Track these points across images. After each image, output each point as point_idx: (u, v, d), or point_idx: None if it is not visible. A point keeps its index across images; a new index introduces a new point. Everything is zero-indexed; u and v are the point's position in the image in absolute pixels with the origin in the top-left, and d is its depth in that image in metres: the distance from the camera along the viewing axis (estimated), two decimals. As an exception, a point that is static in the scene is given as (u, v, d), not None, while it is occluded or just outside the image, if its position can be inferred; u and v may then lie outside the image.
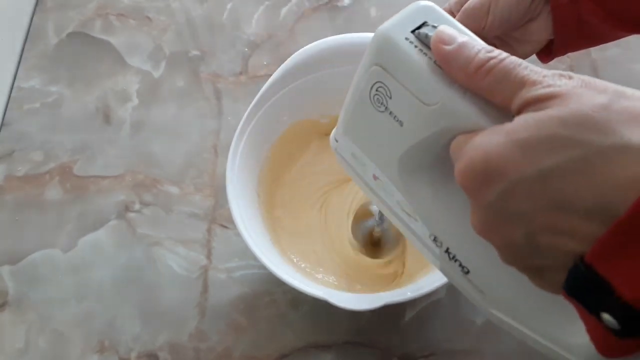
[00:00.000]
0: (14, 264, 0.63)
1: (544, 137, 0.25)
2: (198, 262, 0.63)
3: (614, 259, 0.24)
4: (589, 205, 0.24)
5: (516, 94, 0.27)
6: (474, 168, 0.27)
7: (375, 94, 0.34)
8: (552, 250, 0.26)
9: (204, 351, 0.58)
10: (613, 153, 0.23)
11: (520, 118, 0.26)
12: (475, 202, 0.28)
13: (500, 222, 0.28)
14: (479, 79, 0.28)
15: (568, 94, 0.25)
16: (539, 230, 0.26)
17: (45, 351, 0.59)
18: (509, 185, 0.26)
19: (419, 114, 0.32)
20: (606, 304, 0.24)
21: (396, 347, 0.57)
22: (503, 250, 0.29)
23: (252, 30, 0.79)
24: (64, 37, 0.80)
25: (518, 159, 0.25)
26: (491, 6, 0.44)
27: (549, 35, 0.46)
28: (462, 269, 0.35)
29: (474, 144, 0.27)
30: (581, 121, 0.24)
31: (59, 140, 0.71)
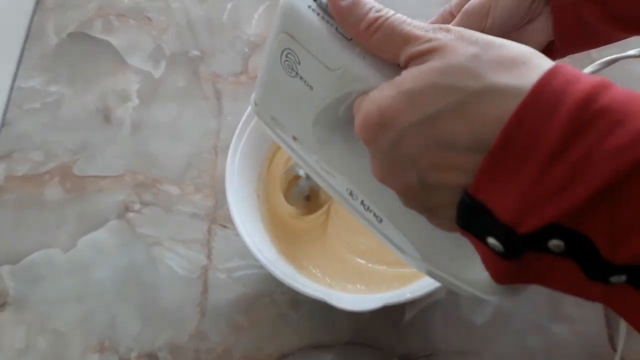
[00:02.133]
0: (14, 264, 0.63)
1: (427, 86, 0.28)
2: (198, 262, 0.63)
3: (489, 186, 0.27)
4: (467, 142, 0.27)
5: (402, 49, 0.30)
6: (369, 119, 0.30)
7: (285, 59, 0.35)
8: (441, 187, 0.29)
9: (204, 351, 0.58)
10: (483, 95, 0.27)
11: (406, 71, 0.29)
12: (373, 151, 0.31)
13: (395, 167, 0.30)
14: (368, 36, 0.31)
15: (445, 47, 0.28)
16: (427, 169, 0.29)
17: (45, 351, 0.59)
18: (399, 132, 0.29)
19: (325, 79, 0.34)
20: (489, 228, 0.28)
21: (396, 347, 0.57)
22: (401, 193, 0.32)
23: (252, 30, 0.79)
24: (64, 37, 0.80)
25: (405, 107, 0.28)
26: (491, 7, 0.44)
27: (549, 36, 0.47)
28: (377, 219, 0.39)
29: (369, 99, 0.30)
30: (456, 70, 0.27)
31: (59, 140, 0.72)
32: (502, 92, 0.26)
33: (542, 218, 0.26)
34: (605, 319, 0.58)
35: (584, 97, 0.25)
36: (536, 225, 0.26)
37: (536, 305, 0.59)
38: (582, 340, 0.57)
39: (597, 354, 0.57)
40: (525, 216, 0.26)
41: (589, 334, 0.57)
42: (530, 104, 0.26)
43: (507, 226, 0.27)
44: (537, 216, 0.26)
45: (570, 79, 0.26)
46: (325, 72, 0.33)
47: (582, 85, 0.25)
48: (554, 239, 0.26)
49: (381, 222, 0.39)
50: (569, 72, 0.26)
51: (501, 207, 0.27)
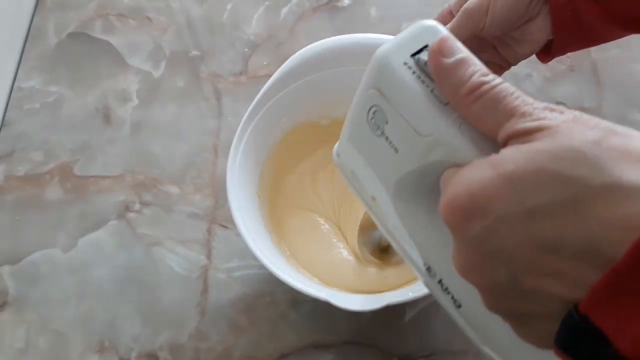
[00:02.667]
0: (14, 264, 0.63)
1: (531, 171, 0.23)
2: (198, 262, 0.63)
3: (609, 309, 0.22)
4: (577, 246, 0.23)
5: (504, 124, 0.25)
6: (457, 202, 0.25)
7: (372, 117, 0.33)
8: (537, 295, 0.25)
9: (204, 351, 0.58)
10: (603, 192, 0.22)
11: (506, 150, 0.25)
12: (458, 239, 0.26)
13: (482, 261, 0.26)
14: (468, 103, 0.27)
15: (558, 127, 0.24)
16: (522, 270, 0.25)
17: (45, 351, 0.59)
18: (492, 222, 0.24)
19: (413, 144, 0.31)
20: (600, 357, 0.23)
21: (396, 347, 0.57)
22: (485, 292, 0.27)
23: (252, 30, 0.79)
24: (64, 37, 0.80)
25: (503, 193, 0.24)
26: (490, 6, 0.44)
27: (547, 35, 0.47)
28: (454, 302, 0.34)
29: (459, 176, 0.26)
30: (571, 156, 0.23)
31: (59, 140, 0.72)
32: (629, 191, 0.22)
33: None
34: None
35: None
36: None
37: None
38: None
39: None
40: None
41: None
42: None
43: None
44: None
45: None
46: (414, 136, 0.30)
47: None
48: None
49: (459, 308, 0.34)
50: None
51: (624, 338, 0.22)
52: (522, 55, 0.50)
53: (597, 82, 0.72)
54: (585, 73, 0.72)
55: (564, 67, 0.73)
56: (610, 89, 0.71)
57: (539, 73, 0.72)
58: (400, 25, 0.78)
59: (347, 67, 0.59)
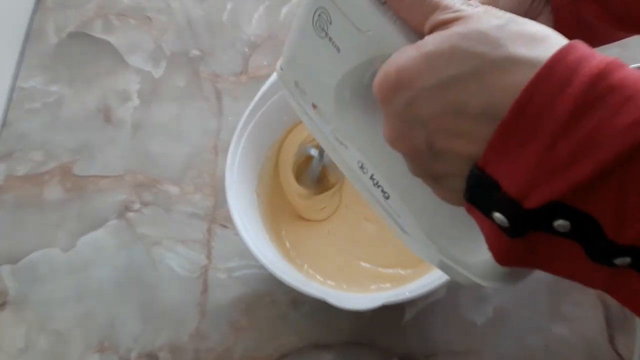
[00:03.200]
0: (14, 263, 0.63)
1: (446, 49, 0.28)
2: (198, 262, 0.63)
3: (498, 158, 0.27)
4: (479, 110, 0.27)
5: (429, 16, 0.30)
6: (387, 79, 0.30)
7: (317, 19, 0.36)
8: (449, 154, 0.29)
9: (204, 351, 0.58)
10: (500, 64, 0.26)
11: (430, 36, 0.29)
12: (387, 112, 0.31)
13: (405, 129, 0.30)
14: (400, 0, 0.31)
15: (471, 16, 0.28)
16: (437, 133, 0.29)
17: (45, 351, 0.59)
18: (413, 93, 0.29)
19: (354, 40, 0.34)
20: (495, 202, 0.27)
21: (396, 347, 0.57)
22: (409, 157, 0.32)
23: (252, 30, 0.79)
24: (64, 37, 0.80)
25: (423, 69, 0.28)
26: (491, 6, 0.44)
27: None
28: (384, 194, 0.39)
29: (390, 59, 0.30)
30: (478, 36, 0.27)
31: (59, 140, 0.72)
32: (519, 63, 0.26)
33: (547, 194, 0.25)
34: (605, 319, 0.58)
35: (597, 73, 0.25)
36: (541, 201, 0.26)
37: (536, 305, 0.59)
38: (582, 340, 0.57)
39: (597, 354, 0.57)
40: (532, 191, 0.26)
41: (589, 334, 0.57)
42: (543, 77, 0.26)
43: (513, 200, 0.26)
44: (542, 191, 0.26)
45: (585, 55, 0.26)
46: (355, 33, 0.34)
47: (595, 62, 0.25)
48: (560, 218, 0.26)
49: (388, 199, 0.39)
50: (585, 49, 0.26)
51: (509, 181, 0.26)
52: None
53: (597, 82, 0.71)
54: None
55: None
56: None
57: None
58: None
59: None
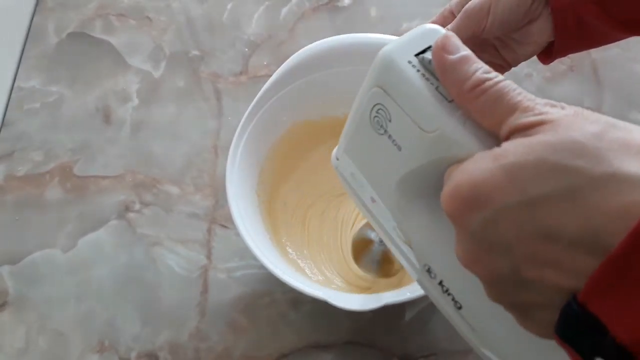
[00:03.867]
0: (14, 264, 0.63)
1: (532, 162, 0.24)
2: (198, 262, 0.63)
3: (607, 297, 0.23)
4: (576, 236, 0.23)
5: (507, 118, 0.26)
6: (459, 193, 0.26)
7: (375, 115, 0.33)
8: (538, 284, 0.25)
9: (204, 351, 0.58)
10: (602, 182, 0.23)
11: (508, 143, 0.25)
12: (460, 230, 0.27)
13: (484, 252, 0.26)
14: (472, 98, 0.27)
15: (559, 120, 0.24)
16: (523, 261, 0.25)
17: (45, 351, 0.59)
18: (493, 213, 0.25)
19: (417, 141, 0.31)
20: (600, 347, 0.23)
21: (396, 347, 0.57)
22: (488, 283, 0.27)
23: (252, 30, 0.79)
24: (64, 37, 0.80)
25: (504, 184, 0.24)
26: (491, 7, 0.44)
27: (549, 37, 0.46)
28: (455, 304, 0.34)
29: (462, 169, 0.26)
30: (571, 147, 0.23)
31: (59, 140, 0.72)
32: (629, 181, 0.22)
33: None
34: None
35: None
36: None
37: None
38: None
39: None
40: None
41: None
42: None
43: (625, 349, 0.22)
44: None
45: None
46: (418, 133, 0.31)
47: None
48: None
49: (460, 310, 0.34)
50: None
51: (621, 326, 0.22)
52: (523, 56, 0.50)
53: (597, 82, 0.72)
54: (585, 73, 0.72)
55: (564, 67, 0.73)
56: (610, 89, 0.71)
57: (538, 73, 0.72)
58: (400, 25, 0.78)
59: (346, 67, 0.59)
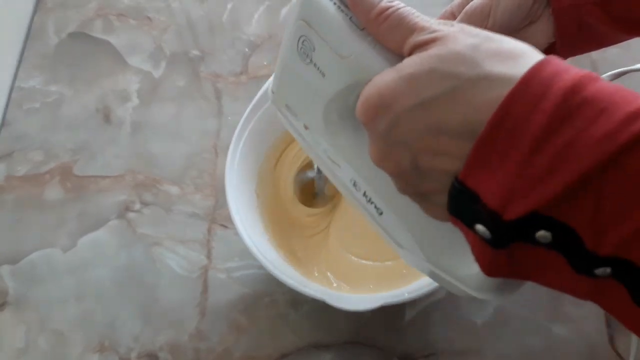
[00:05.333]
0: (14, 263, 0.63)
1: (425, 71, 0.29)
2: (198, 262, 0.63)
3: (478, 172, 0.28)
4: (459, 128, 0.28)
5: (407, 38, 0.31)
6: (369, 102, 0.31)
7: (301, 47, 0.37)
8: (433, 172, 0.30)
9: (204, 351, 0.58)
10: (477, 82, 0.27)
11: (408, 58, 0.30)
12: (371, 134, 0.32)
13: (390, 150, 0.31)
14: (377, 24, 0.32)
15: (447, 36, 0.29)
16: (420, 153, 0.30)
17: (45, 351, 0.59)
18: (395, 115, 0.30)
19: (337, 66, 0.35)
20: (477, 215, 0.28)
21: (396, 347, 0.57)
22: (396, 178, 0.33)
23: (252, 30, 0.79)
24: (64, 37, 0.80)
25: (403, 91, 0.29)
26: (492, 8, 0.44)
27: (549, 38, 0.46)
28: (377, 210, 0.40)
29: (371, 82, 0.31)
30: (454, 57, 0.28)
31: (59, 140, 0.72)
32: (495, 80, 0.27)
33: (525, 205, 0.26)
34: (605, 319, 0.58)
35: (571, 87, 0.25)
36: (520, 213, 0.26)
37: (536, 305, 0.59)
38: (582, 340, 0.57)
39: (597, 354, 0.57)
40: (510, 203, 0.26)
41: (589, 334, 0.57)
42: (518, 92, 0.26)
43: (493, 212, 0.27)
44: (520, 203, 0.26)
45: (559, 70, 0.26)
46: (337, 59, 0.35)
47: (569, 75, 0.26)
48: (541, 229, 0.26)
49: (381, 215, 0.40)
50: (559, 64, 0.27)
51: (488, 193, 0.27)
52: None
53: (596, 82, 0.72)
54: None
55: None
56: (609, 90, 0.71)
57: (538, 73, 0.72)
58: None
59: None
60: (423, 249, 0.39)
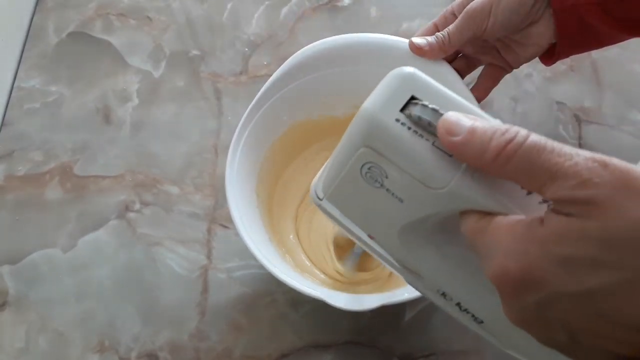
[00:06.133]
0: (14, 263, 0.63)
1: (587, 258, 0.24)
2: (198, 262, 0.63)
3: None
4: (633, 321, 0.24)
5: (546, 186, 0.25)
6: (510, 275, 0.26)
7: (367, 172, 0.32)
8: (592, 348, 0.26)
9: (204, 351, 0.58)
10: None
11: (555, 226, 0.25)
12: (510, 301, 0.27)
13: (540, 322, 0.27)
14: (498, 168, 0.26)
15: (607, 202, 0.24)
16: (582, 333, 0.26)
17: (45, 351, 0.59)
18: (549, 296, 0.25)
19: (422, 196, 0.30)
20: None
21: (396, 347, 0.57)
22: (543, 341, 0.28)
23: (252, 30, 0.79)
24: (64, 37, 0.80)
25: (559, 274, 0.25)
26: (492, 8, 0.44)
27: (550, 38, 0.47)
28: (475, 319, 0.34)
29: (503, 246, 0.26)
30: (624, 245, 0.23)
31: (59, 140, 0.72)
32: None
33: None
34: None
35: None
36: None
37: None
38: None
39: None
40: None
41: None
42: None
43: None
44: None
45: None
46: (422, 189, 0.30)
47: None
48: None
49: (482, 324, 0.34)
50: None
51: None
52: (524, 58, 0.50)
53: (597, 82, 0.72)
54: (585, 73, 0.72)
55: (564, 67, 0.73)
56: (610, 89, 0.71)
57: (539, 73, 0.72)
58: (400, 25, 0.78)
59: (346, 66, 0.59)
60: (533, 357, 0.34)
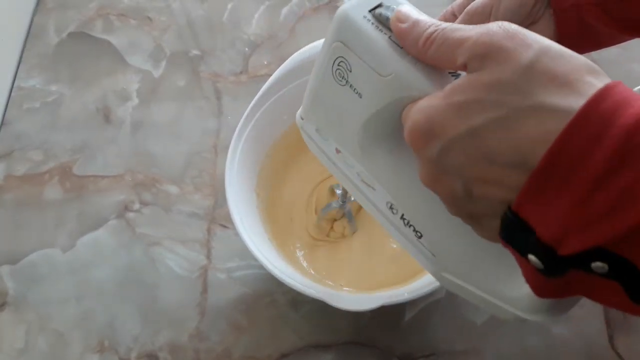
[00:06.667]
0: (13, 263, 0.63)
1: (474, 100, 0.28)
2: (198, 262, 0.63)
3: (532, 205, 0.27)
4: (511, 158, 0.27)
5: (456, 53, 0.30)
6: (418, 128, 0.31)
7: (337, 68, 0.37)
8: (485, 199, 0.30)
9: (204, 351, 0.58)
10: (529, 112, 0.27)
11: (457, 82, 0.30)
12: (421, 158, 0.32)
13: (442, 174, 0.31)
14: (426, 50, 0.32)
15: (498, 53, 0.28)
16: (472, 180, 0.30)
17: (45, 351, 0.59)
18: (446, 143, 0.29)
19: (376, 85, 0.35)
20: (530, 245, 0.28)
21: (396, 347, 0.57)
22: (447, 200, 0.32)
23: (252, 30, 0.79)
24: (65, 36, 0.80)
25: (452, 119, 0.29)
26: (493, 9, 0.44)
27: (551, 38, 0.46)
28: (416, 234, 0.39)
29: (418, 107, 0.31)
30: (504, 86, 0.27)
31: (58, 139, 0.71)
32: (549, 111, 0.26)
33: (584, 242, 0.25)
34: (605, 319, 0.58)
35: (634, 124, 0.24)
36: (577, 249, 0.26)
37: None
38: (582, 340, 0.57)
39: (596, 354, 0.57)
40: (567, 238, 0.26)
41: (589, 334, 0.57)
42: (577, 127, 0.25)
43: (548, 246, 0.27)
44: (578, 239, 0.26)
45: (621, 102, 0.25)
46: (376, 78, 0.34)
47: (632, 110, 0.25)
48: (597, 261, 0.26)
49: (421, 238, 0.39)
50: (620, 95, 0.25)
51: (543, 227, 0.27)
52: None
53: (597, 82, 0.72)
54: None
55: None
56: (610, 90, 0.71)
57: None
58: (401, 25, 0.78)
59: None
60: (466, 271, 0.38)
